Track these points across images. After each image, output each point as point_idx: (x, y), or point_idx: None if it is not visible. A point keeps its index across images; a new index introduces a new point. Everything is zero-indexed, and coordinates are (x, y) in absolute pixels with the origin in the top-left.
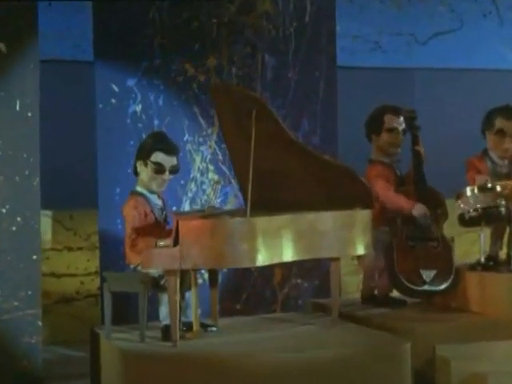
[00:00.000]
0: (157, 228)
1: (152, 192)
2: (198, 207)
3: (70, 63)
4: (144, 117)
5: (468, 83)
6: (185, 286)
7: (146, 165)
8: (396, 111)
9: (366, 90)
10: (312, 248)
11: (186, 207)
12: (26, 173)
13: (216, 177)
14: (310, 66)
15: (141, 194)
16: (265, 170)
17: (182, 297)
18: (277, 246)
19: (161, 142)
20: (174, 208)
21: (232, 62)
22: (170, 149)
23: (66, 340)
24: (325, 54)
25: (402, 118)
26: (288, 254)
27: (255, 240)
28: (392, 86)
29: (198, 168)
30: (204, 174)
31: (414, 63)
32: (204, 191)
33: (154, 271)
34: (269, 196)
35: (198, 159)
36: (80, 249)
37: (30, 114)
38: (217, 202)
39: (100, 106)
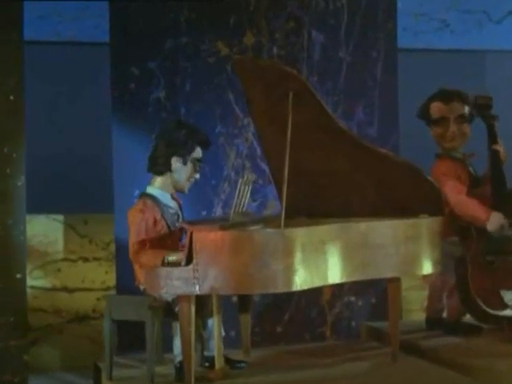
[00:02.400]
0: (168, 239)
1: (165, 192)
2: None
3: (90, 45)
4: (168, 105)
5: None
6: (206, 312)
7: (185, 162)
8: (445, 97)
9: (430, 75)
10: (366, 267)
11: (218, 211)
12: (8, 171)
13: (250, 175)
14: (365, 45)
15: (151, 197)
16: (306, 168)
17: (204, 326)
18: (320, 264)
19: (198, 133)
20: (204, 212)
21: (273, 40)
22: (208, 143)
23: (80, 365)
24: (383, 31)
25: (453, 105)
26: (335, 275)
27: (292, 257)
28: (461, 70)
29: (233, 165)
30: (239, 171)
31: (486, 44)
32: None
33: (166, 294)
34: (311, 200)
35: (232, 154)
36: (97, 259)
37: (12, 98)
38: (245, 206)
39: (116, 91)
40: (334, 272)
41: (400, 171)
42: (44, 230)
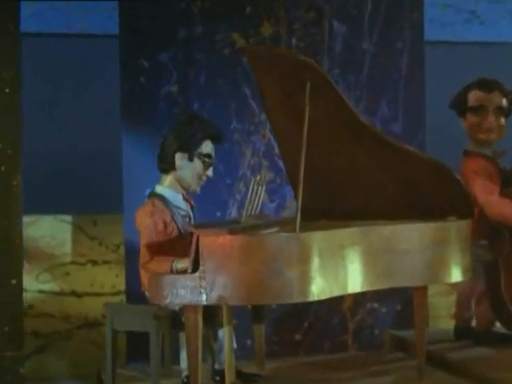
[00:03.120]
0: (179, 244)
1: (176, 192)
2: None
3: (99, 37)
4: (181, 99)
5: None
6: (217, 322)
7: (191, 158)
8: (486, 86)
9: (459, 69)
10: (389, 274)
11: (233, 213)
12: (3, 169)
13: (264, 174)
14: (390, 36)
15: (161, 197)
16: (325, 166)
17: (215, 337)
18: (339, 272)
19: (207, 126)
20: (219, 214)
21: (292, 31)
22: (220, 135)
23: (88, 373)
24: (409, 21)
25: (493, 95)
26: (355, 284)
27: (308, 264)
28: (491, 64)
29: (249, 163)
30: (256, 170)
31: None
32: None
33: (170, 304)
34: (331, 201)
35: (248, 152)
36: (107, 262)
37: (7, 91)
38: (258, 208)
39: (126, 85)
40: (355, 280)
41: (426, 170)
42: (51, 232)
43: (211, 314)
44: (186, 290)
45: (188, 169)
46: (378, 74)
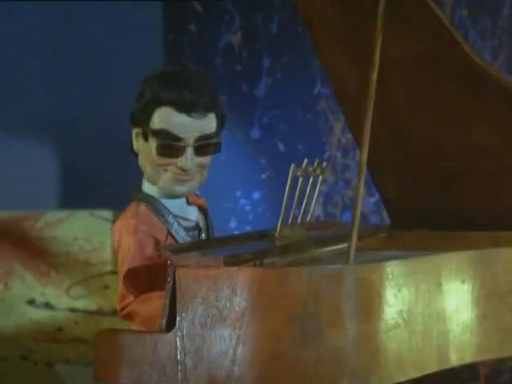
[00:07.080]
0: None
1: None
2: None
3: None
4: (245, 53)
5: None
6: None
7: (145, 137)
8: None
9: None
10: None
11: (317, 211)
12: None
13: (320, 161)
14: None
15: (150, 200)
16: (421, 145)
17: None
18: (433, 331)
19: (171, 84)
20: (296, 212)
21: None
22: (192, 99)
23: None
24: None
25: None
26: (463, 350)
27: (370, 322)
28: None
29: (339, 142)
30: (349, 152)
31: None
32: (348, 182)
33: None
34: (432, 200)
35: (337, 126)
36: None
37: None
38: (309, 213)
39: (171, 36)
40: (463, 343)
41: None
42: (87, 232)
43: None
44: (155, 363)
45: (144, 153)
46: None
